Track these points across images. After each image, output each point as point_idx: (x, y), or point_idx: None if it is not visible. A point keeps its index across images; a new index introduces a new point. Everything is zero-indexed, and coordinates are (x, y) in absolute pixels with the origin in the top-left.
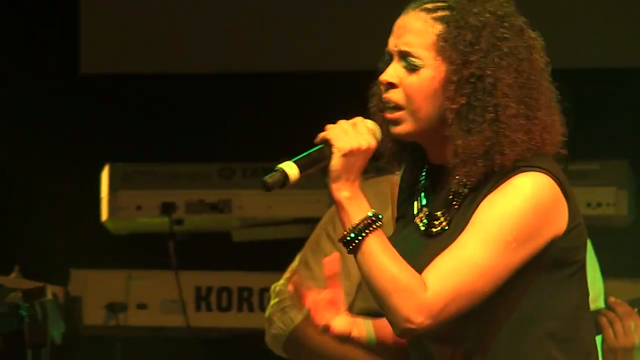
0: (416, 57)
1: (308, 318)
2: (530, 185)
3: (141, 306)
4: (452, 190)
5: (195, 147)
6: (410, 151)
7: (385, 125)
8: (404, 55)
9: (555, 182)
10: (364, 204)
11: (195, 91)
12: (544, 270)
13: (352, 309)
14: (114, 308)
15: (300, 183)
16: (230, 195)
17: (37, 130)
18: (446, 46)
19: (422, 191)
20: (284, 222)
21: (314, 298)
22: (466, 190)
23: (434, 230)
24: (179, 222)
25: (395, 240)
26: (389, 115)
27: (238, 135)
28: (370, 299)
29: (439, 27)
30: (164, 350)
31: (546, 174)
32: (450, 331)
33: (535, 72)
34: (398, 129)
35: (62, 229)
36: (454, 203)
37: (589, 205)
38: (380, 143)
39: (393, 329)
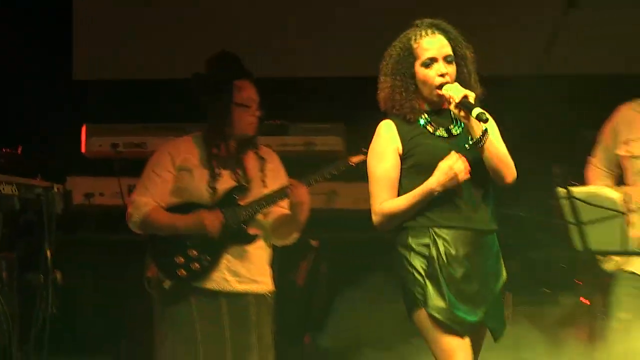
0: (451, 56)
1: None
2: None
3: (101, 194)
4: (453, 117)
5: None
6: (418, 109)
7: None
8: (446, 57)
9: None
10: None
11: (154, 93)
12: None
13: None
14: (88, 195)
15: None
16: (148, 140)
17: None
18: (459, 52)
19: (428, 122)
20: None
21: None
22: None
23: (455, 133)
24: (120, 153)
25: (431, 143)
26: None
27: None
28: (181, 195)
29: (450, 42)
30: (110, 215)
31: None
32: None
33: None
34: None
35: (62, 155)
36: (456, 120)
37: None
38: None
39: (510, 177)
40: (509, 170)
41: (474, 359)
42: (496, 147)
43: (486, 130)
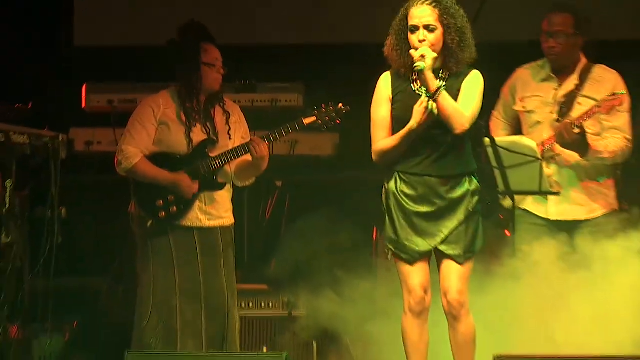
0: (433, 25)
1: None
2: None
3: (99, 143)
4: (439, 77)
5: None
6: (410, 66)
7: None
8: (427, 26)
9: None
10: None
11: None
12: None
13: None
14: (88, 143)
15: None
16: (139, 97)
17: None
18: (445, 22)
19: (414, 80)
20: None
21: None
22: (445, 76)
23: (434, 92)
24: (115, 108)
25: (408, 101)
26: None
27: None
28: (160, 146)
29: (437, 12)
30: (106, 160)
31: None
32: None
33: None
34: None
35: (67, 111)
36: (441, 82)
37: None
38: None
39: (459, 128)
40: (457, 123)
41: (453, 278)
42: (448, 102)
43: (439, 87)
